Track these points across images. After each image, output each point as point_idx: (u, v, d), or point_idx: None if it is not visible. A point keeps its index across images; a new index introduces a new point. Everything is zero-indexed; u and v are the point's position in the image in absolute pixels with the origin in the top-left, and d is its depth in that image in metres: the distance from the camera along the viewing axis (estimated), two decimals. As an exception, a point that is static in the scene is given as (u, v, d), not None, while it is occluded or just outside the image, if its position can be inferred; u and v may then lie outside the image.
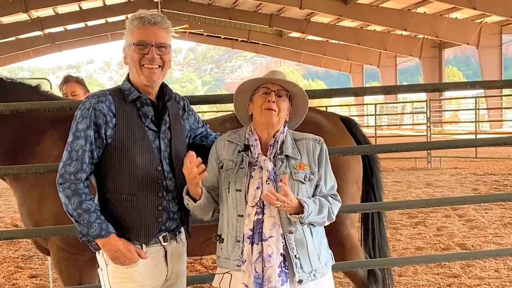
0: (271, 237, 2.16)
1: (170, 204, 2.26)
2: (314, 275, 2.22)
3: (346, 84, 50.93)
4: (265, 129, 2.29)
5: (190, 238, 2.43)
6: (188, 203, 2.23)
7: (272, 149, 2.27)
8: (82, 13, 29.30)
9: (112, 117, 2.18)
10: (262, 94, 2.27)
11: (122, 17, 29.68)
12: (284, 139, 2.30)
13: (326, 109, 11.82)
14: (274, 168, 2.23)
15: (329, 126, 3.27)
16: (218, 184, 2.30)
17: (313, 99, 2.92)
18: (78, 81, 4.35)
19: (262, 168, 2.22)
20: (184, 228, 2.40)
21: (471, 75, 76.32)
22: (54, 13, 28.72)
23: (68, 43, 35.51)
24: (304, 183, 2.23)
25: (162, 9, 25.75)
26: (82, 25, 32.62)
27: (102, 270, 2.26)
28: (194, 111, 2.56)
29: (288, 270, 2.17)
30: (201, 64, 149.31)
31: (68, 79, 4.36)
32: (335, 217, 2.30)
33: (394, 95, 27.72)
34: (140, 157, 2.19)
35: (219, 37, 38.26)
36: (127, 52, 2.24)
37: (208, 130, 2.58)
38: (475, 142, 7.59)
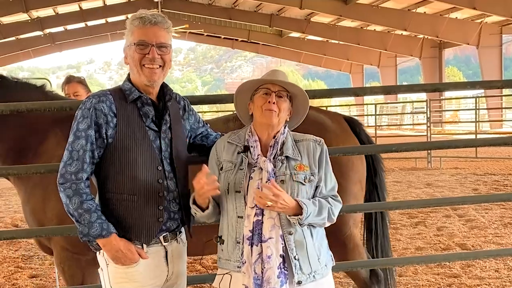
0: (271, 238, 2.15)
1: (171, 204, 2.26)
2: (314, 276, 2.21)
3: (346, 84, 50.91)
4: (265, 130, 2.28)
5: (192, 238, 2.43)
6: (196, 213, 2.23)
7: (272, 150, 2.26)
8: (82, 13, 29.29)
9: (113, 117, 2.18)
10: (263, 95, 2.26)
11: (122, 17, 29.69)
12: (285, 140, 2.29)
13: (327, 109, 11.80)
14: (274, 169, 2.22)
15: (333, 126, 3.26)
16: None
17: (313, 99, 2.91)
18: (80, 81, 4.36)
19: (262, 169, 2.21)
20: (185, 229, 2.40)
21: (471, 75, 76.30)
22: (54, 13, 28.71)
23: (68, 43, 35.50)
24: (304, 184, 2.22)
25: (162, 9, 25.74)
26: (82, 25, 32.61)
27: (103, 270, 2.26)
28: (195, 111, 2.56)
29: (288, 271, 2.17)
30: (201, 64, 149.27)
31: (70, 79, 4.36)
32: (337, 218, 2.29)
33: (394, 95, 27.72)
34: (141, 157, 2.19)
35: (219, 37, 38.24)
36: (128, 52, 2.24)
37: (209, 130, 2.59)
38: (475, 142, 7.58)
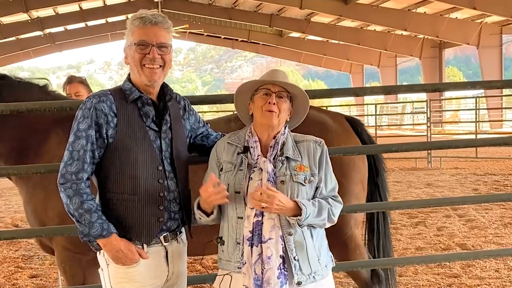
0: (271, 239, 2.15)
1: (171, 204, 2.26)
2: (314, 277, 2.21)
3: (346, 84, 50.88)
4: (265, 131, 2.28)
5: (192, 238, 2.43)
6: (201, 218, 2.23)
7: (273, 151, 2.26)
8: (82, 13, 29.30)
9: (113, 117, 2.18)
10: (263, 95, 2.25)
11: (122, 17, 29.70)
12: (285, 141, 2.29)
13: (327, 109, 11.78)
14: (274, 170, 2.21)
15: (335, 126, 3.26)
16: None
17: (313, 99, 2.91)
18: (82, 82, 4.36)
19: (262, 170, 2.21)
20: (185, 229, 2.40)
21: (471, 75, 76.29)
22: (54, 13, 28.72)
23: (68, 43, 35.50)
24: (304, 185, 2.21)
25: (162, 9, 25.72)
26: (82, 25, 32.61)
27: (103, 270, 2.26)
28: (195, 111, 2.56)
29: (287, 272, 2.16)
30: (201, 64, 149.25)
31: (72, 80, 4.36)
32: (338, 218, 2.28)
33: (394, 95, 27.71)
34: (141, 157, 2.19)
35: (219, 37, 38.24)
36: (128, 52, 2.24)
37: (209, 130, 2.58)
38: (476, 142, 7.57)
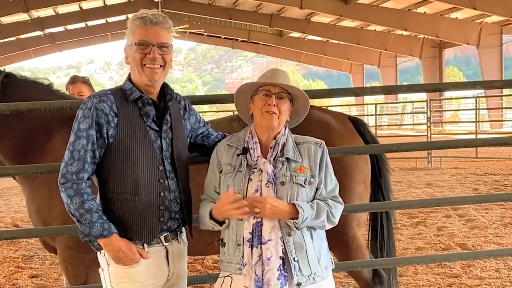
0: (270, 240, 2.15)
1: (172, 204, 2.26)
2: (314, 278, 2.20)
3: (347, 84, 50.90)
4: (266, 132, 2.27)
5: (193, 239, 2.43)
6: (214, 227, 2.23)
7: (273, 152, 2.25)
8: (83, 13, 29.30)
9: (114, 117, 2.18)
10: (263, 96, 2.24)
11: (123, 17, 29.71)
12: (286, 142, 2.28)
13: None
14: (274, 171, 2.21)
15: (338, 126, 3.25)
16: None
17: (313, 99, 2.91)
18: (85, 82, 4.36)
19: (262, 171, 2.21)
20: (186, 228, 2.40)
21: (472, 75, 76.31)
22: (55, 13, 28.72)
23: (69, 43, 35.51)
24: (304, 186, 2.21)
25: (163, 9, 25.72)
26: (83, 25, 32.61)
27: (104, 270, 2.26)
28: (195, 111, 2.55)
29: (287, 273, 2.16)
30: (202, 64, 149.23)
31: (75, 80, 4.36)
32: (339, 219, 2.28)
33: (395, 95, 27.73)
34: (142, 157, 2.19)
35: (220, 37, 38.24)
36: (129, 52, 2.24)
37: (210, 130, 2.58)
38: (476, 142, 7.58)
